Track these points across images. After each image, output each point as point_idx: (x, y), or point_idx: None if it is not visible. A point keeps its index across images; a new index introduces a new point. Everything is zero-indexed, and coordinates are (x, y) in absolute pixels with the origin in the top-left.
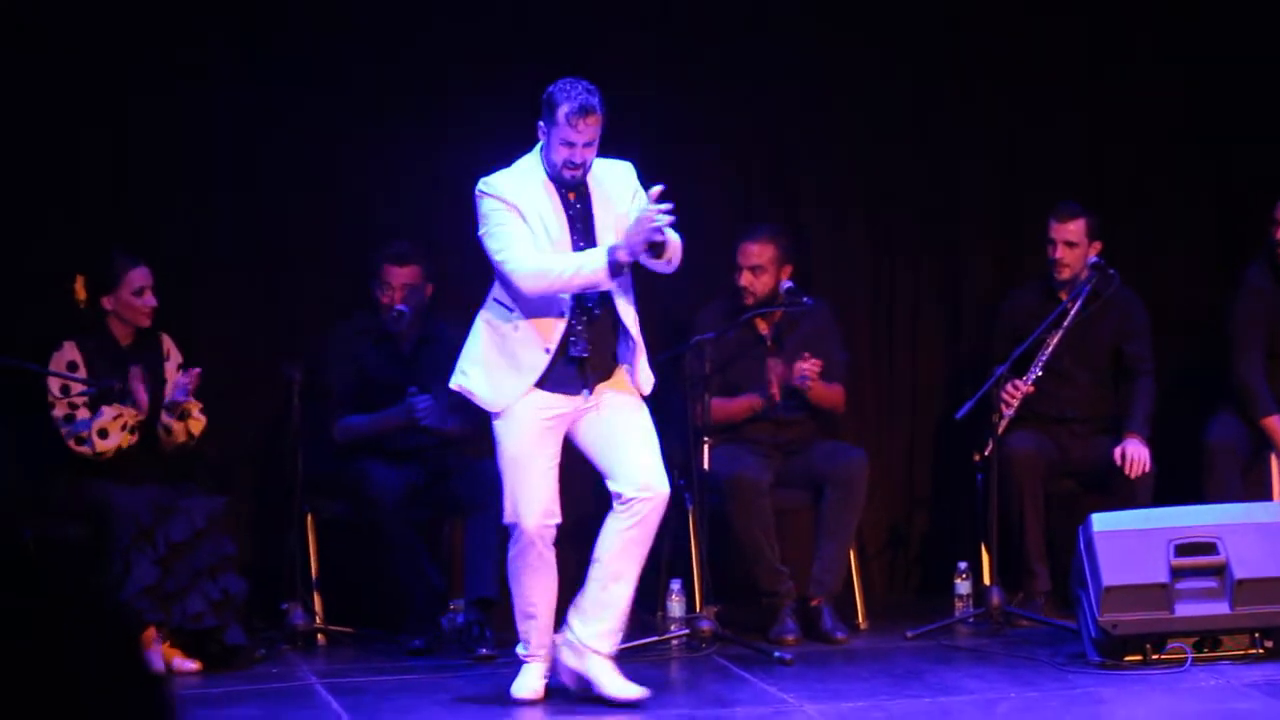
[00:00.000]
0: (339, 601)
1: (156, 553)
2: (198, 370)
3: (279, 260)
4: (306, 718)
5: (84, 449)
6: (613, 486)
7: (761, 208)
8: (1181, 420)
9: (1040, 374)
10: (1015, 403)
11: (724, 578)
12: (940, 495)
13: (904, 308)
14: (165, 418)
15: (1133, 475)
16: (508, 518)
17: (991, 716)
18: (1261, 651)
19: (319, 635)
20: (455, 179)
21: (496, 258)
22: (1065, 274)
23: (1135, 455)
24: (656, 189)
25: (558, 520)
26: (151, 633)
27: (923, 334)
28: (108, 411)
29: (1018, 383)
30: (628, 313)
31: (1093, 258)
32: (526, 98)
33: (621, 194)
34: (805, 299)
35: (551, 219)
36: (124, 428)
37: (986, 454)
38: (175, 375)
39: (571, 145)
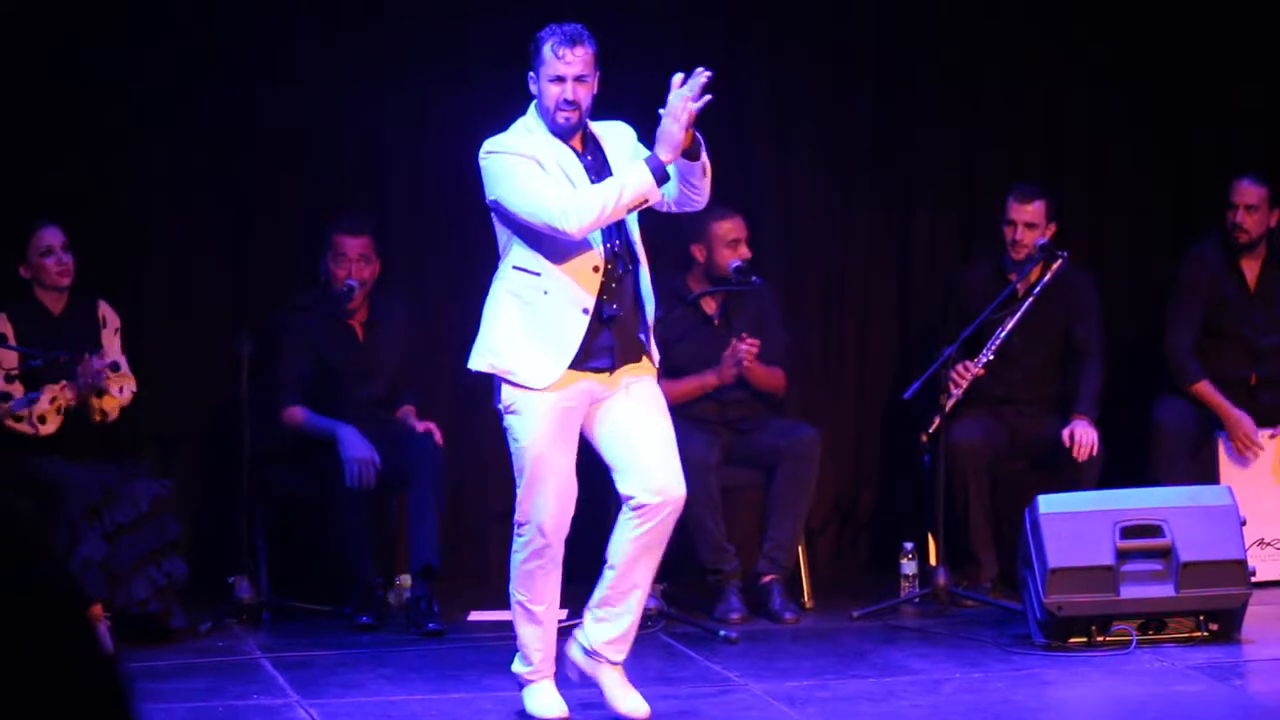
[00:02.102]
0: (286, 576)
1: (103, 529)
2: (109, 361)
3: (230, 232)
4: (252, 691)
5: (22, 427)
6: (623, 488)
7: (715, 186)
8: (1129, 401)
9: (991, 358)
10: (964, 384)
11: (670, 555)
12: (888, 473)
13: (855, 283)
14: (80, 388)
15: (1081, 458)
16: (521, 517)
17: (936, 697)
18: (1206, 634)
19: (265, 609)
20: (404, 152)
21: (529, 210)
22: (1022, 254)
23: (1083, 437)
24: (679, 77)
25: (568, 523)
26: (99, 609)
27: (873, 310)
28: (45, 393)
29: (969, 364)
30: (644, 264)
31: (1041, 239)
32: (478, 69)
33: (626, 146)
34: (754, 278)
35: (570, 166)
36: (58, 410)
37: (931, 431)
38: (114, 341)
39: (562, 80)
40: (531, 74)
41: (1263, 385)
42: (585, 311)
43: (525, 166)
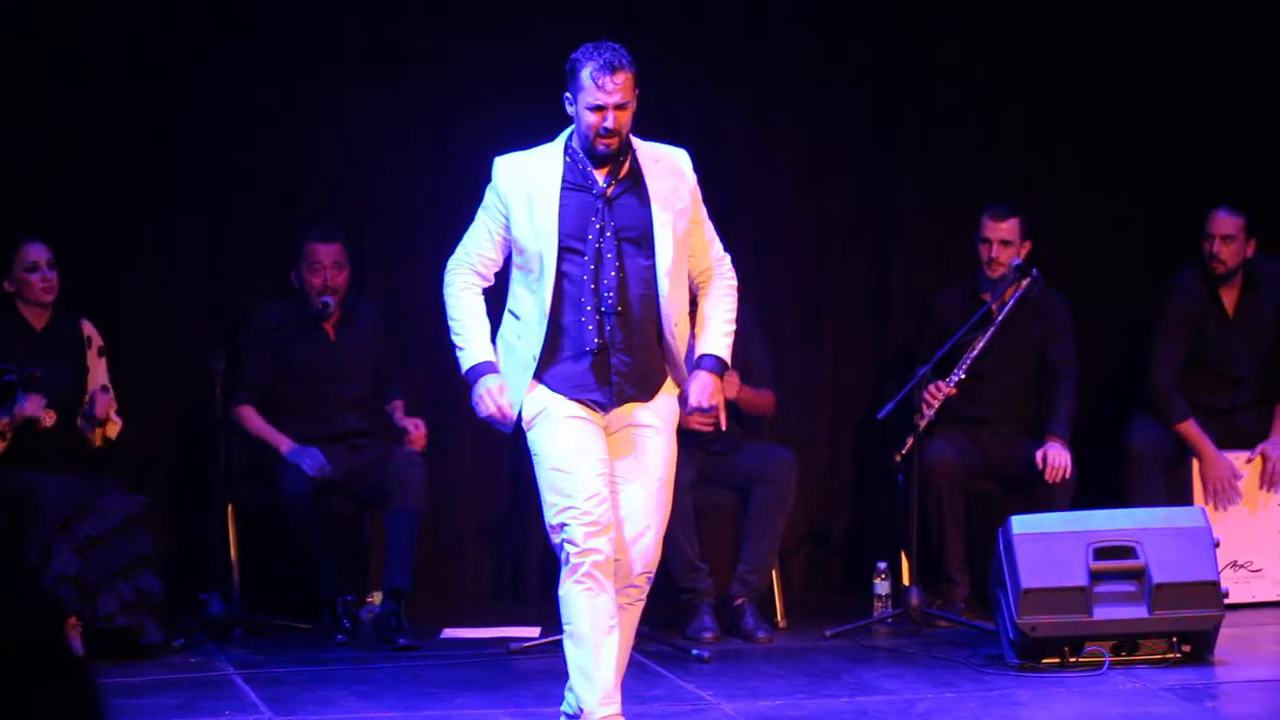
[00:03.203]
0: (258, 592)
1: (75, 542)
2: (111, 396)
3: (205, 250)
4: (224, 708)
5: None
6: None
7: None
8: (1104, 423)
9: (963, 377)
10: (936, 404)
11: None
12: (862, 493)
13: (830, 303)
14: (81, 425)
15: (1054, 479)
16: (554, 535)
17: (909, 717)
18: (1179, 656)
19: (238, 625)
20: (385, 164)
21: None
22: (998, 273)
23: (1056, 459)
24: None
25: (612, 534)
26: (73, 621)
27: (848, 330)
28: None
29: (940, 384)
30: (675, 314)
31: (1016, 259)
32: (462, 83)
33: (669, 182)
34: None
35: (549, 210)
36: (2, 435)
37: (905, 451)
38: (99, 363)
39: (601, 109)
40: (568, 96)
41: (1238, 410)
42: (532, 358)
43: (486, 212)
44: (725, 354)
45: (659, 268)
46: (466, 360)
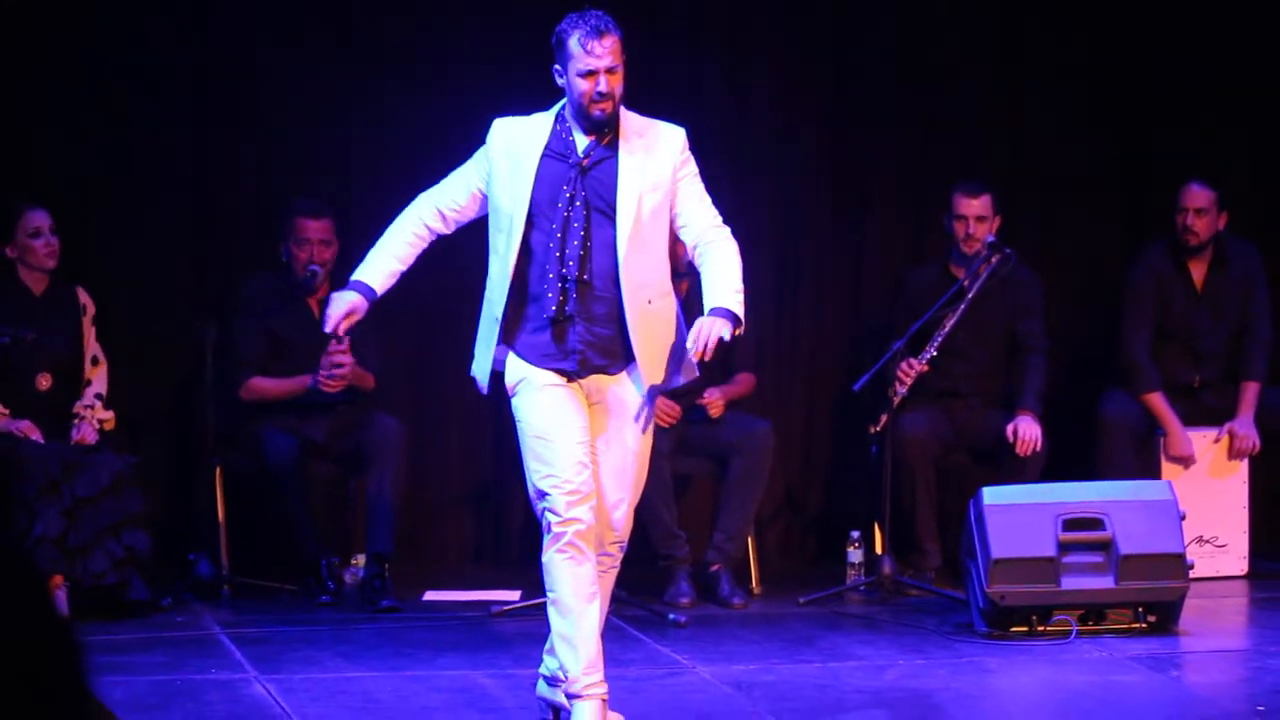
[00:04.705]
0: (246, 553)
1: (63, 504)
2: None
3: (194, 217)
4: (210, 666)
5: None
6: None
7: None
8: (1077, 396)
9: (935, 354)
10: (910, 381)
11: None
12: (837, 463)
13: (808, 278)
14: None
15: (1024, 453)
16: (537, 503)
17: (879, 683)
18: (1144, 626)
19: (225, 586)
20: (367, 144)
21: None
22: (974, 248)
23: (1026, 433)
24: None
25: (593, 502)
26: (58, 580)
27: (826, 302)
28: None
29: (913, 361)
30: (642, 289)
31: (989, 236)
32: (443, 64)
33: (660, 160)
34: None
35: (527, 175)
36: None
37: (880, 428)
38: (91, 330)
39: (593, 73)
40: (557, 68)
41: (1205, 387)
42: (495, 320)
43: (475, 159)
44: (738, 309)
45: (619, 238)
46: (355, 274)
